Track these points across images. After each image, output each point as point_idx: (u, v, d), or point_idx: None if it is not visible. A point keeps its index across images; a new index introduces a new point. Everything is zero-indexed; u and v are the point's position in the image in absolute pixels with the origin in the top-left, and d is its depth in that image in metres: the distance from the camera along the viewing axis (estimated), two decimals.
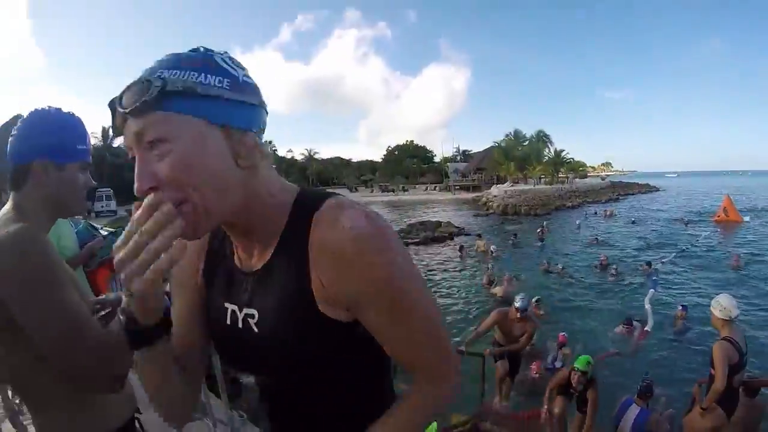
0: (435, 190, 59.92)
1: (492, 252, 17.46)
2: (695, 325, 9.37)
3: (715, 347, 3.54)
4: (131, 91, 0.61)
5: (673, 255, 17.82)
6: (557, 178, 54.51)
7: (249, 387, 0.87)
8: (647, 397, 4.80)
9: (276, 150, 65.26)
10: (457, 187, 58.45)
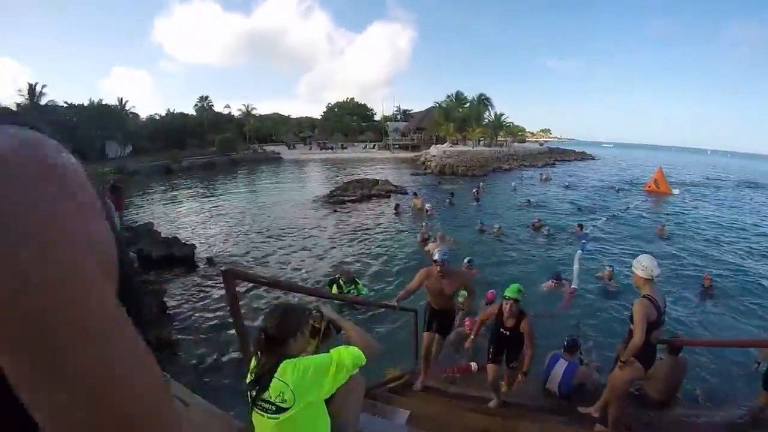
0: (374, 148, 58.80)
1: (427, 210, 17.46)
2: (621, 285, 9.78)
3: (636, 305, 3.64)
4: None
5: (604, 219, 18.40)
6: (496, 141, 54.79)
7: None
8: (574, 352, 5.22)
9: (212, 105, 62.76)
10: (396, 146, 57.68)
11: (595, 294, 9.80)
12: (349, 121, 73.77)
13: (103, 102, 42.82)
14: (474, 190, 23.47)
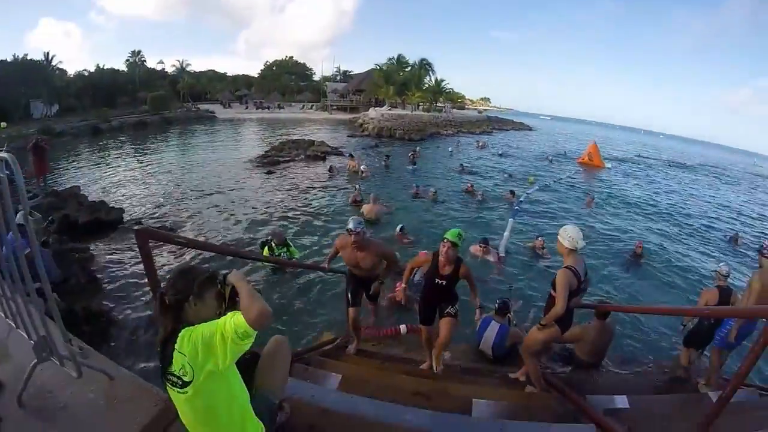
0: (312, 109, 57.55)
1: (363, 172, 17.37)
2: (549, 253, 10.05)
3: (559, 274, 3.68)
4: None
5: (536, 188, 18.96)
6: (435, 106, 54.95)
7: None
8: (505, 314, 5.34)
9: (145, 61, 58.47)
10: (335, 108, 56.75)
11: (526, 260, 10.05)
12: (287, 81, 71.65)
13: (29, 57, 39.11)
14: (410, 153, 23.56)
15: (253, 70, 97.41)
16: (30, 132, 23.59)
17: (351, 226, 4.29)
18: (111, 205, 11.25)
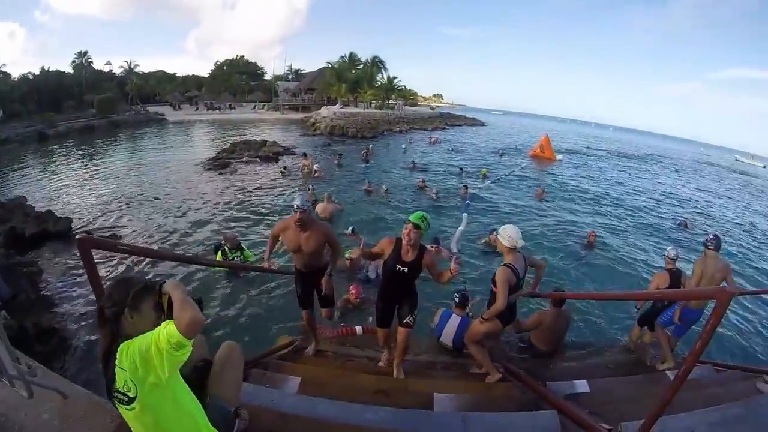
0: (263, 109, 56.55)
1: (316, 172, 17.17)
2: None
3: (498, 272, 3.86)
4: None
5: (489, 182, 19.27)
6: (387, 104, 55.05)
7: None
8: (464, 306, 5.39)
9: (91, 62, 55.53)
10: (287, 107, 56.06)
11: (480, 254, 10.12)
12: (238, 81, 70.05)
13: None
14: (363, 151, 23.54)
15: (204, 70, 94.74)
16: None
17: (298, 202, 3.95)
18: (59, 215, 10.69)
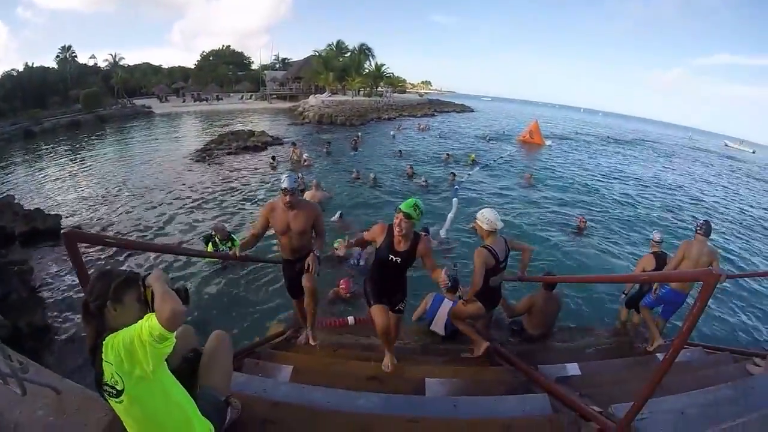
0: (251, 99, 56.15)
1: (305, 161, 17.14)
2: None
3: (475, 253, 3.86)
4: None
5: (477, 168, 19.30)
6: (375, 91, 54.77)
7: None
8: (455, 291, 5.09)
9: (76, 56, 54.42)
10: (274, 96, 55.87)
11: (469, 239, 10.08)
12: (225, 71, 69.24)
13: None
14: (352, 139, 23.52)
15: (190, 61, 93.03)
16: None
17: (286, 184, 3.78)
18: (48, 212, 10.64)
